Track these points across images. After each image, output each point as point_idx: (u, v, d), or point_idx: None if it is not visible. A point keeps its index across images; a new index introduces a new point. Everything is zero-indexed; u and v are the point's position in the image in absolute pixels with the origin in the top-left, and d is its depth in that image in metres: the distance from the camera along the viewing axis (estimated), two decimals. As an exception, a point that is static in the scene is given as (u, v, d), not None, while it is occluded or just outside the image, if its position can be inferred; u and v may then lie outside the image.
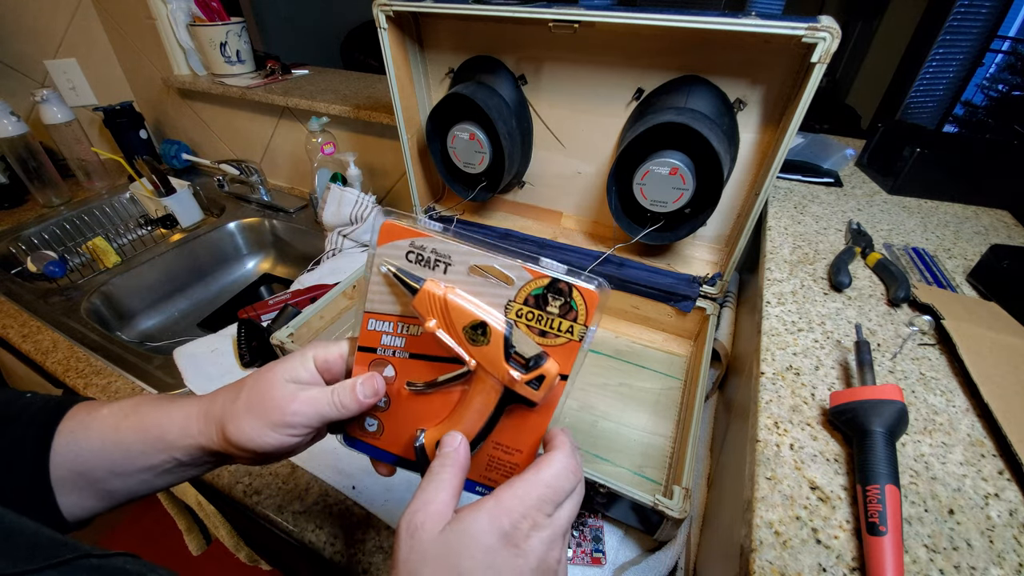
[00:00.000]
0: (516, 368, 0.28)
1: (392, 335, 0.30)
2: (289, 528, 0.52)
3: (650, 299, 0.69)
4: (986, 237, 0.61)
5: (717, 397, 0.64)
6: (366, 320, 0.30)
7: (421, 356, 0.30)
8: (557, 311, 0.28)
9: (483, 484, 0.32)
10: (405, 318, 0.30)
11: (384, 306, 0.30)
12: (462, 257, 0.28)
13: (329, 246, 0.97)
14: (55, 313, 0.85)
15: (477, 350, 0.28)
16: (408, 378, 0.31)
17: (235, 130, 1.29)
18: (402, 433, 0.32)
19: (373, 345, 0.30)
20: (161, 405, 0.32)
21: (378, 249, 0.28)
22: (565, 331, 0.28)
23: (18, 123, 1.06)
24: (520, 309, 0.28)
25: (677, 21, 0.48)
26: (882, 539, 0.27)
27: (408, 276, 0.28)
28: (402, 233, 0.28)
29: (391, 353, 0.30)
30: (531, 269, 0.27)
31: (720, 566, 0.39)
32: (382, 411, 0.32)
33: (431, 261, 0.28)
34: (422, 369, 0.30)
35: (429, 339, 0.29)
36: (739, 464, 0.39)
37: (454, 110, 0.69)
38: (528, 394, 0.28)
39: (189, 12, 1.16)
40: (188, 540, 0.91)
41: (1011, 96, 2.29)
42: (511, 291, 0.28)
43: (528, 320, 0.28)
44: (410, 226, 0.28)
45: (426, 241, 0.28)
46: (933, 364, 0.42)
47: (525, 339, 0.28)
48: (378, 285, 0.29)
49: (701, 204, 0.61)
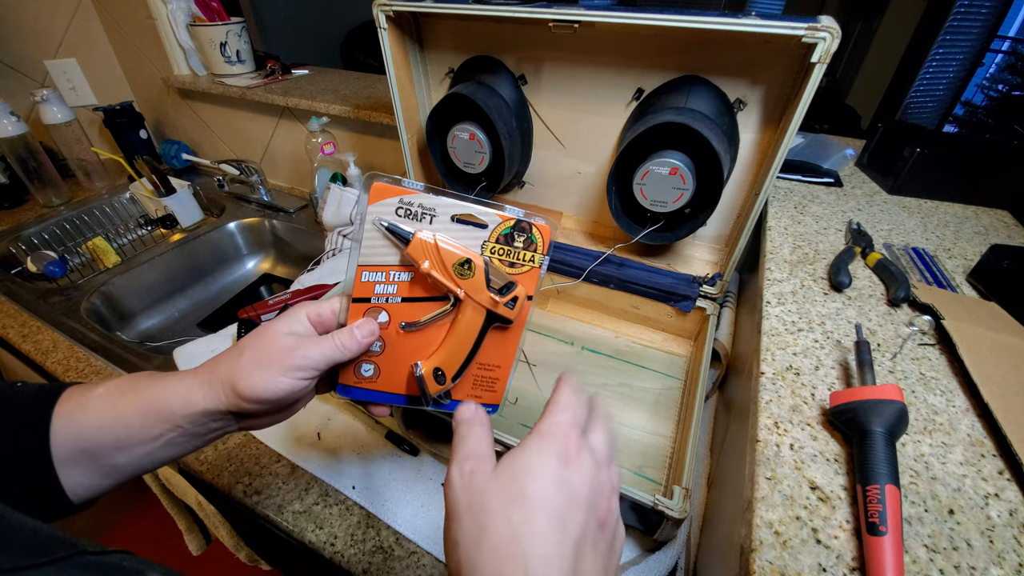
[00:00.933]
0: (495, 293, 0.34)
1: (385, 284, 0.34)
2: (289, 528, 0.52)
3: (650, 299, 0.69)
4: (986, 237, 0.61)
5: (717, 397, 0.64)
6: (359, 273, 0.34)
7: (412, 299, 0.35)
8: (522, 245, 0.34)
9: (482, 401, 0.37)
10: (397, 266, 0.34)
11: (376, 258, 0.34)
12: (445, 208, 0.33)
13: (329, 246, 0.97)
14: (55, 313, 0.85)
15: (464, 282, 0.33)
16: (401, 319, 0.35)
17: (235, 130, 1.29)
18: (399, 373, 0.36)
19: (367, 295, 0.34)
20: (157, 380, 0.33)
21: (369, 207, 0.32)
22: (528, 260, 0.35)
23: (18, 123, 1.06)
24: (493, 247, 0.34)
25: (677, 21, 0.48)
26: (882, 539, 0.27)
27: (399, 230, 0.32)
28: (391, 192, 0.32)
29: (384, 300, 0.34)
30: (500, 214, 0.33)
31: (720, 566, 0.39)
32: (377, 355, 0.36)
33: (418, 214, 0.33)
34: (414, 310, 0.35)
35: (419, 282, 0.34)
36: (739, 464, 0.39)
37: (454, 110, 0.69)
38: (506, 313, 0.34)
39: (189, 12, 1.16)
40: (188, 540, 0.91)
41: (1011, 96, 2.29)
42: (485, 233, 0.33)
43: (499, 255, 0.34)
44: (398, 185, 0.32)
45: (412, 197, 0.32)
46: (933, 364, 0.42)
47: (498, 271, 0.34)
48: (371, 239, 0.33)
49: (701, 204, 0.61)
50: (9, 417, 0.29)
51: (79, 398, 0.31)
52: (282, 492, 0.55)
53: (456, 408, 0.32)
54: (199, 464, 0.59)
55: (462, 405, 0.32)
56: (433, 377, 0.35)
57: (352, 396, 0.37)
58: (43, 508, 0.29)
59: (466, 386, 0.37)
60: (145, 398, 0.31)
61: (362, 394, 0.37)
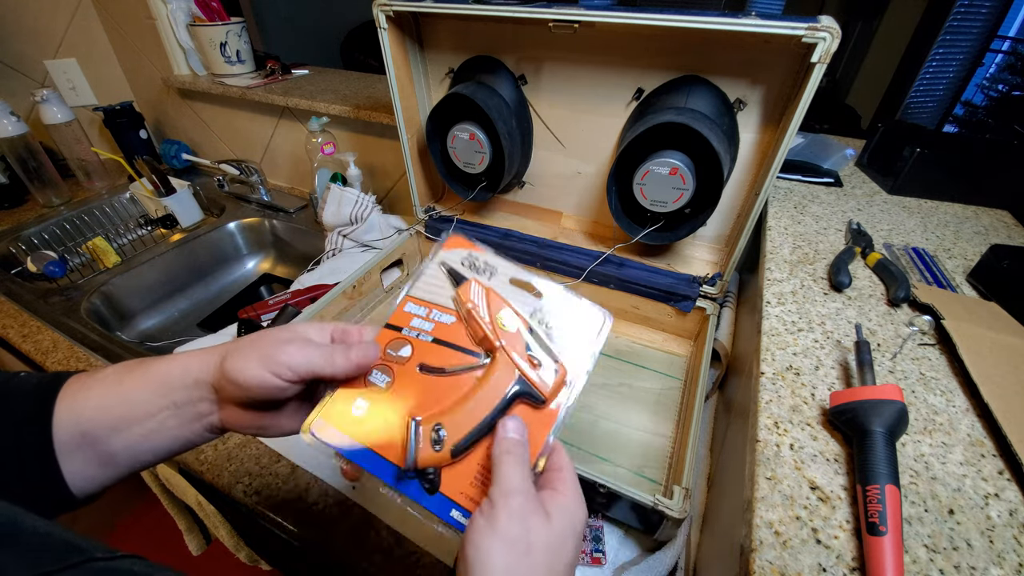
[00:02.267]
0: (537, 363, 0.31)
1: (423, 320, 0.33)
2: (289, 528, 0.52)
3: (650, 299, 0.69)
4: (986, 237, 0.61)
5: (717, 397, 0.64)
6: (405, 302, 0.34)
7: (443, 342, 0.32)
8: None
9: (464, 508, 0.28)
10: (441, 307, 0.33)
11: (425, 294, 0.34)
12: (506, 270, 0.34)
13: (329, 246, 0.97)
14: (55, 313, 0.85)
15: (505, 334, 0.31)
16: (424, 360, 0.32)
17: (235, 130, 1.29)
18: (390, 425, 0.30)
19: (401, 325, 0.33)
20: (171, 356, 0.32)
21: (442, 252, 0.34)
22: None
23: (18, 123, 1.06)
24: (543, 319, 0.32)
25: (677, 21, 0.48)
26: (882, 539, 0.27)
27: (459, 272, 0.34)
28: (463, 244, 0.34)
29: (415, 335, 0.33)
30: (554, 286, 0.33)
31: (720, 566, 0.39)
32: (379, 391, 0.31)
33: (480, 268, 0.34)
34: (439, 354, 0.32)
35: (455, 330, 0.33)
36: (739, 464, 0.39)
37: (454, 110, 0.69)
38: (538, 386, 0.30)
39: (189, 12, 1.16)
40: (188, 540, 0.91)
41: (1011, 96, 2.29)
42: (538, 302, 0.33)
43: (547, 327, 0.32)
44: (470, 241, 0.34)
45: (479, 254, 0.34)
46: (933, 364, 0.42)
47: (539, 348, 0.31)
48: (430, 278, 0.34)
49: (701, 204, 0.61)
50: (11, 405, 0.29)
51: (85, 380, 0.31)
52: (282, 492, 0.55)
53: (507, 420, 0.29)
54: (199, 464, 0.59)
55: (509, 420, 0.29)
56: (430, 439, 0.28)
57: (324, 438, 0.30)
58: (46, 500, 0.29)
59: (465, 478, 0.29)
60: (151, 371, 0.31)
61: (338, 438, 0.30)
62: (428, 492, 0.28)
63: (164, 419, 0.31)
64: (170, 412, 0.31)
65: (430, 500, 0.28)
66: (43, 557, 0.19)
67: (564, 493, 0.27)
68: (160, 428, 0.31)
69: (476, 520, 0.25)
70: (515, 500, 0.25)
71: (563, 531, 0.26)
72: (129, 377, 0.31)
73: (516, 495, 0.25)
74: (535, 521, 0.25)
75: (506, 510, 0.25)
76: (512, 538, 0.24)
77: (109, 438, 0.30)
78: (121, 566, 0.20)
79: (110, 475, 0.31)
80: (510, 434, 0.28)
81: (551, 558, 0.24)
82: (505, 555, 0.23)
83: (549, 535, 0.25)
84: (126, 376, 0.31)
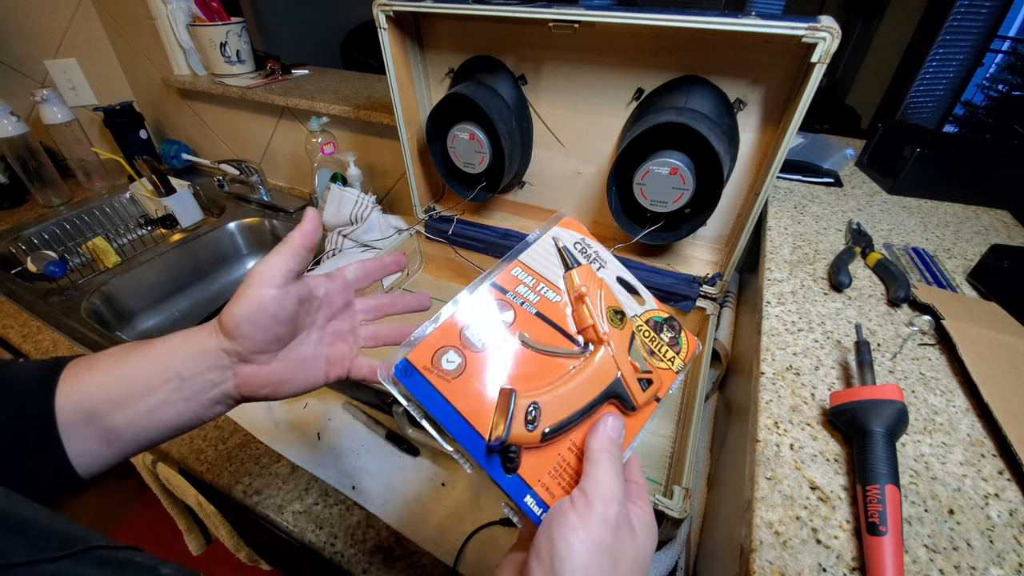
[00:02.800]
0: (637, 365, 0.30)
1: (530, 290, 0.31)
2: (289, 528, 0.52)
3: (650, 299, 0.69)
4: (986, 237, 0.61)
5: (717, 397, 0.64)
6: (515, 265, 0.31)
7: (545, 319, 0.30)
8: (667, 340, 0.33)
9: (539, 497, 0.27)
10: (549, 282, 0.32)
11: (535, 263, 0.32)
12: (614, 267, 0.33)
13: (329, 246, 0.97)
14: (55, 313, 0.85)
15: (612, 330, 0.31)
16: (525, 330, 0.30)
17: (235, 130, 1.29)
18: (479, 394, 0.27)
19: (507, 288, 0.30)
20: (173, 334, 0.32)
21: (556, 228, 0.33)
22: (668, 358, 0.32)
23: (18, 123, 1.06)
24: (641, 326, 0.32)
25: (677, 21, 0.48)
26: (882, 539, 0.27)
27: (572, 254, 0.32)
28: (577, 228, 0.34)
29: (519, 303, 0.30)
30: (658, 301, 0.34)
31: (720, 566, 0.39)
32: (472, 352, 0.28)
33: (591, 257, 0.33)
34: (540, 330, 0.30)
35: (559, 310, 0.31)
36: (739, 464, 0.39)
37: (454, 110, 0.69)
38: (635, 390, 0.30)
39: (189, 12, 1.16)
40: (188, 540, 0.91)
41: (1011, 96, 2.29)
42: (640, 308, 0.33)
43: (643, 336, 0.32)
44: (580, 226, 0.34)
45: (591, 243, 0.34)
46: (933, 364, 0.42)
47: (639, 352, 0.31)
48: (540, 250, 0.32)
49: (701, 204, 0.61)
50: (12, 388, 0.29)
51: (87, 361, 0.31)
52: (282, 492, 0.55)
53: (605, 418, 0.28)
54: (199, 464, 0.59)
55: (608, 418, 0.28)
56: (524, 415, 0.27)
57: (408, 384, 0.26)
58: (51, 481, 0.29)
59: (544, 466, 0.27)
60: (155, 346, 0.31)
61: (423, 389, 0.26)
62: (506, 471, 0.26)
63: (168, 393, 0.31)
64: (174, 386, 0.31)
65: (507, 480, 0.26)
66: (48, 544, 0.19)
67: (646, 510, 0.27)
68: (164, 402, 0.31)
69: (569, 516, 0.24)
70: (613, 507, 0.24)
71: (648, 549, 0.25)
72: (131, 355, 0.31)
73: (615, 502, 0.24)
74: (626, 533, 0.25)
75: (603, 515, 0.24)
76: (606, 546, 0.23)
77: (112, 414, 0.30)
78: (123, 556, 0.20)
79: (114, 453, 0.30)
80: (612, 432, 0.27)
81: (635, 574, 0.24)
82: (596, 560, 0.23)
83: (636, 551, 0.25)
84: (128, 354, 0.31)
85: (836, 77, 2.59)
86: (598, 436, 0.27)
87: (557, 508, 0.25)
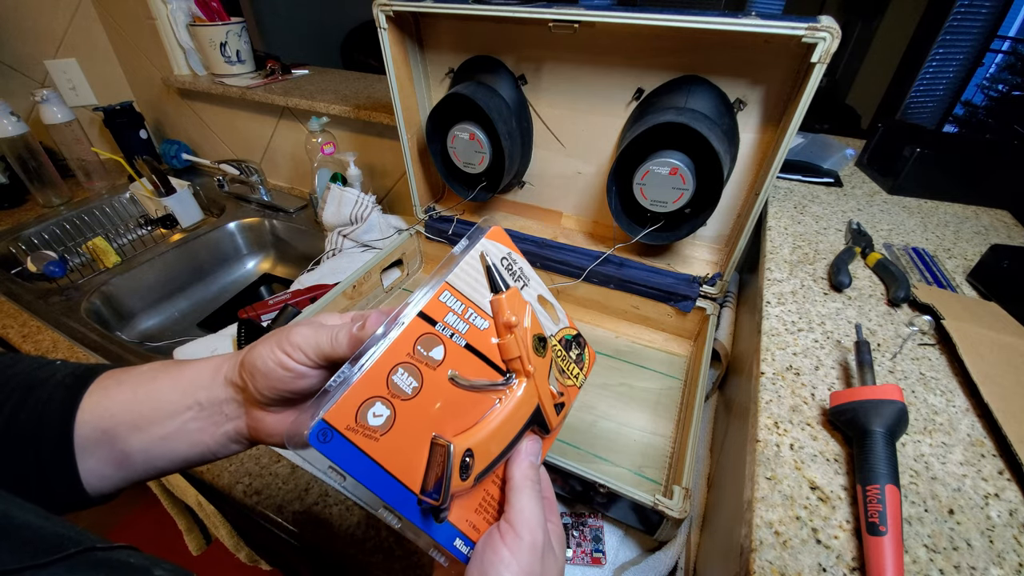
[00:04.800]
0: (555, 393, 0.30)
1: (459, 318, 0.27)
2: (289, 528, 0.52)
3: (650, 299, 0.69)
4: (986, 237, 0.61)
5: (717, 397, 0.64)
6: (442, 290, 0.27)
7: (474, 351, 0.28)
8: (574, 357, 0.33)
9: (467, 537, 0.27)
10: (478, 307, 0.28)
11: (463, 287, 0.28)
12: (536, 286, 0.32)
13: (329, 246, 0.97)
14: (55, 313, 0.85)
15: (536, 359, 0.30)
16: (455, 368, 0.27)
17: (235, 130, 1.29)
18: (412, 446, 0.25)
19: (436, 318, 0.26)
20: (207, 358, 0.32)
21: (483, 240, 0.29)
22: (574, 375, 0.33)
23: (18, 123, 1.06)
24: (556, 346, 0.32)
25: (677, 21, 0.48)
26: (882, 539, 0.27)
27: (502, 275, 0.30)
28: (504, 240, 0.31)
29: (449, 334, 0.27)
30: (570, 318, 0.34)
31: (720, 566, 0.39)
32: (406, 399, 0.25)
33: (516, 275, 0.31)
34: (470, 365, 0.28)
35: (486, 339, 0.28)
36: (739, 464, 0.39)
37: (454, 110, 0.69)
38: (551, 416, 0.30)
39: (189, 12, 1.16)
40: (188, 540, 0.91)
41: (1011, 96, 2.29)
42: (554, 327, 0.33)
43: (556, 356, 0.32)
44: (507, 235, 0.31)
45: (516, 257, 0.31)
46: (933, 364, 0.42)
47: (554, 376, 0.31)
48: (469, 268, 0.28)
49: (701, 204, 0.61)
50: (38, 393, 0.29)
51: (119, 375, 0.30)
52: (282, 492, 0.55)
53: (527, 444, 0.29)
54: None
55: (531, 443, 0.29)
56: (460, 464, 0.25)
57: (328, 450, 0.22)
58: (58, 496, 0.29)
59: (470, 505, 0.27)
60: (185, 369, 0.31)
61: (347, 454, 0.22)
62: (437, 521, 0.25)
63: (186, 420, 0.30)
64: (193, 413, 0.30)
65: (437, 528, 0.25)
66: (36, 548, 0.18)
67: (557, 523, 0.28)
68: (181, 430, 0.30)
69: (500, 551, 0.25)
70: (539, 535, 0.25)
71: (563, 559, 0.28)
72: (161, 376, 0.31)
73: (540, 529, 0.26)
74: (550, 556, 0.26)
75: (531, 544, 0.25)
76: (535, 574, 0.25)
77: (128, 436, 0.29)
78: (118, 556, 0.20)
79: (123, 476, 0.30)
80: (532, 457, 0.28)
81: None
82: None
83: (558, 568, 0.26)
84: (161, 373, 0.31)
85: (836, 77, 2.59)
86: (519, 464, 0.28)
87: (487, 542, 0.26)
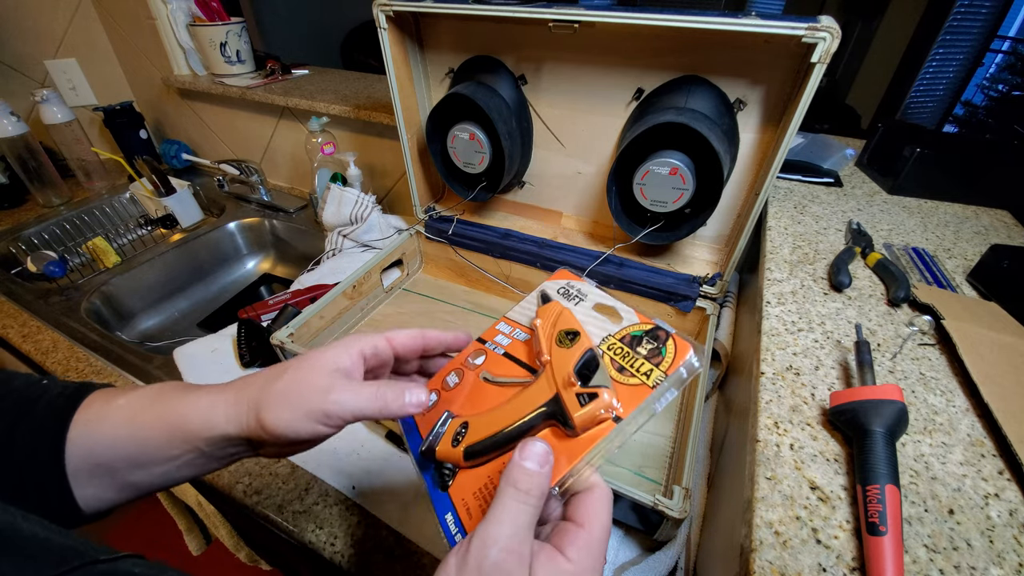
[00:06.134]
0: (576, 379, 0.28)
1: (505, 336, 0.35)
2: (289, 528, 0.52)
3: (650, 299, 0.69)
4: (986, 237, 0.61)
5: (717, 397, 0.64)
6: (499, 321, 0.36)
7: (510, 356, 0.34)
8: (644, 353, 0.29)
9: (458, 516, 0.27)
10: (524, 327, 0.35)
11: (519, 316, 0.36)
12: (593, 296, 0.35)
13: (329, 246, 0.97)
14: (55, 313, 0.85)
15: (557, 350, 0.31)
16: (490, 369, 0.33)
17: (235, 130, 1.29)
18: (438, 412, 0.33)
19: (487, 339, 0.35)
20: (185, 394, 0.30)
21: (546, 283, 0.37)
22: (641, 372, 0.28)
23: (18, 123, 1.06)
24: (613, 343, 0.30)
25: (677, 21, 0.48)
26: (882, 539, 0.27)
27: (547, 296, 0.36)
28: (566, 276, 0.37)
29: (492, 347, 0.35)
30: (641, 316, 0.32)
31: (720, 566, 0.39)
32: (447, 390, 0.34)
33: (572, 295, 0.35)
34: (504, 366, 0.33)
35: (524, 347, 0.34)
36: (739, 464, 0.39)
37: (454, 110, 0.69)
38: (570, 405, 0.27)
39: (189, 12, 1.16)
40: (188, 540, 0.91)
41: (1011, 96, 2.29)
42: (614, 328, 0.32)
43: (614, 354, 0.30)
44: (575, 274, 0.37)
45: (576, 283, 0.36)
46: (933, 364, 0.42)
47: (603, 371, 0.29)
48: (528, 302, 0.36)
49: (701, 204, 0.61)
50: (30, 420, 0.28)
51: (100, 407, 0.29)
52: (282, 492, 0.55)
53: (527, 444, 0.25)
54: (199, 464, 0.59)
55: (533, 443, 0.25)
56: (453, 434, 0.29)
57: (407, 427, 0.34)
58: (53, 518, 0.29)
59: (471, 486, 0.28)
60: (165, 415, 0.29)
61: (409, 420, 0.34)
62: (439, 487, 0.28)
63: (191, 459, 0.30)
64: (196, 455, 0.30)
65: (437, 494, 0.28)
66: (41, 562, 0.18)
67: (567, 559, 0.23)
68: (186, 465, 0.30)
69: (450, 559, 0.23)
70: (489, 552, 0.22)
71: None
72: (142, 416, 0.29)
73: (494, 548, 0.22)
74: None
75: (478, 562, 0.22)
76: None
77: (130, 472, 0.29)
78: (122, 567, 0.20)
79: (127, 497, 0.30)
80: (526, 462, 0.24)
81: None
82: None
83: None
84: (139, 414, 0.29)
85: (836, 77, 2.59)
86: (510, 464, 0.25)
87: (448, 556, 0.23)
